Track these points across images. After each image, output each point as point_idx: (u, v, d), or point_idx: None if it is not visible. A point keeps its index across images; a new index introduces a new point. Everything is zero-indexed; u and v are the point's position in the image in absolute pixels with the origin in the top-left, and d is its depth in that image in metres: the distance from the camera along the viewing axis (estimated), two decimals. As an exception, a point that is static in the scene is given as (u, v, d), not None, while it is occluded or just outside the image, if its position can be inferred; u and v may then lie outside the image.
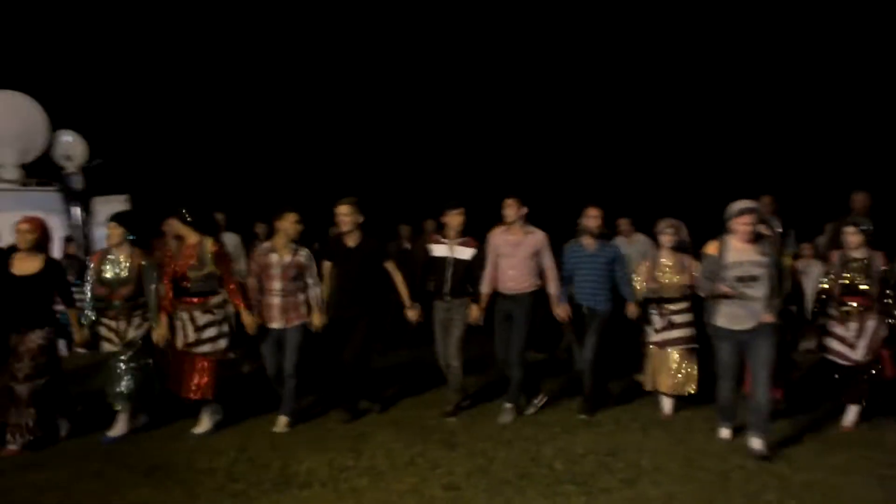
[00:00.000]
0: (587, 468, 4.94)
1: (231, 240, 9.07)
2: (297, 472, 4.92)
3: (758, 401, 5.17)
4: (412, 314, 6.37)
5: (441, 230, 6.52)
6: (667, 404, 6.29)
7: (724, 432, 5.59)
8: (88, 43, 15.14)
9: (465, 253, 6.32)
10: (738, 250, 5.19)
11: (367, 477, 4.82)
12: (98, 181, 12.09)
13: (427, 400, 6.78)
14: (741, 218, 5.11)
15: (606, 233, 6.74)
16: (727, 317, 5.24)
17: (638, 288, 6.39)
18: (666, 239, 6.30)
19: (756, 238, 5.20)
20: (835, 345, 5.89)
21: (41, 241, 5.62)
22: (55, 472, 4.97)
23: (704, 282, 5.35)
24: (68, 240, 10.14)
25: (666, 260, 6.30)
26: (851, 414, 5.85)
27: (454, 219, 6.33)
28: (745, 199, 5.21)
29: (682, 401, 6.24)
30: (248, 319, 5.80)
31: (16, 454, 5.35)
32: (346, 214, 6.13)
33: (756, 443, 5.14)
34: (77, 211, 11.25)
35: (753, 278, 5.13)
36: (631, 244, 8.52)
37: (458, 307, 6.29)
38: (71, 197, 11.15)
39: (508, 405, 6.24)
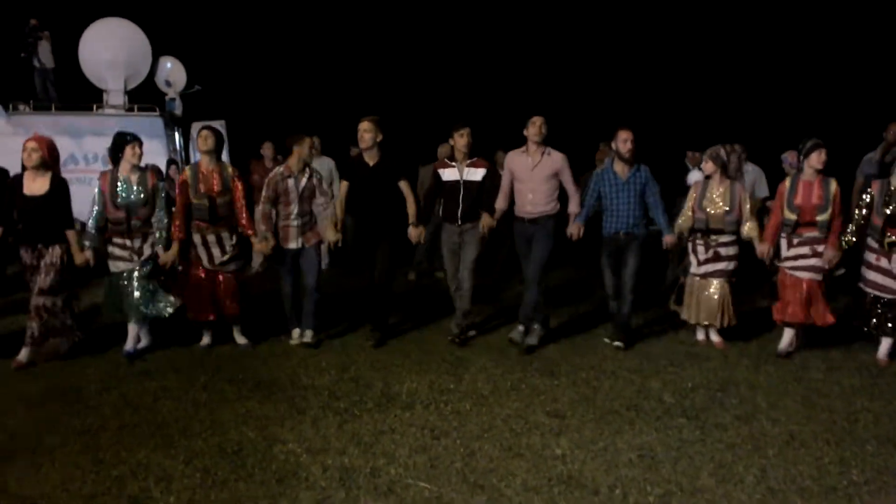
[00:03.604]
0: (698, 402, 4.73)
1: (325, 164, 9.09)
2: (399, 392, 4.91)
3: None
4: (415, 233, 6.18)
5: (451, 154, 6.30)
6: (700, 334, 6.17)
7: None
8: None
9: (476, 174, 6.09)
10: None
11: (470, 400, 4.75)
12: (196, 107, 12.31)
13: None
14: None
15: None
16: None
17: (684, 219, 6.10)
18: (706, 167, 6.05)
19: None
20: (876, 277, 5.63)
21: (48, 159, 5.48)
22: (167, 381, 5.13)
23: None
24: (170, 163, 10.38)
25: (716, 188, 5.97)
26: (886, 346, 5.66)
27: (461, 140, 6.06)
28: None
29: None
30: (259, 247, 5.90)
31: (22, 366, 5.40)
32: (366, 131, 5.96)
33: None
34: (177, 136, 11.50)
35: None
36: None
37: (471, 230, 6.10)
38: (172, 122, 11.38)
39: (520, 327, 6.16)
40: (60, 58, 11.58)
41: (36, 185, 5.45)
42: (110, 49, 11.35)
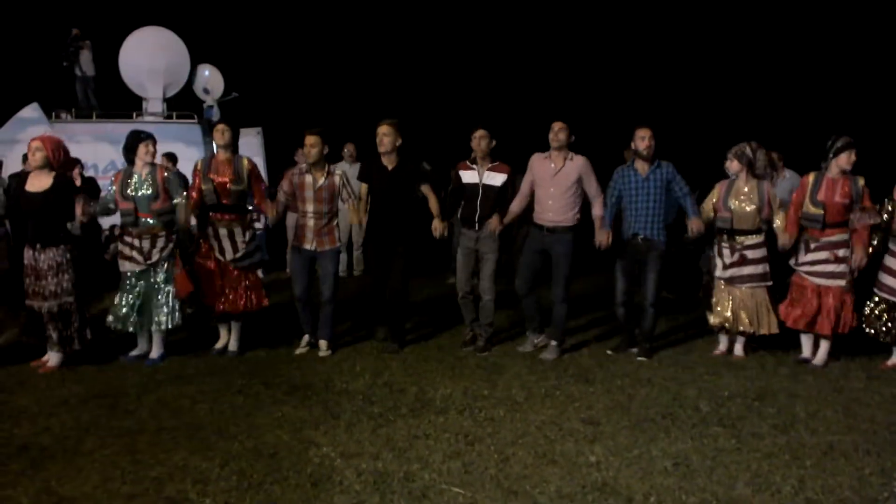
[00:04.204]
0: (735, 411, 4.66)
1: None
2: (433, 398, 4.93)
3: None
4: (439, 225, 6.02)
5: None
6: (723, 343, 6.02)
7: None
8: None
9: (496, 179, 5.99)
10: None
11: (504, 407, 4.75)
12: (233, 114, 12.48)
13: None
14: None
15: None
16: None
17: (707, 213, 5.95)
18: (731, 166, 5.89)
19: None
20: (892, 282, 5.58)
21: (52, 159, 5.45)
22: (203, 385, 5.20)
23: None
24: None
25: (742, 187, 5.83)
26: None
27: (479, 142, 5.96)
28: None
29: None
30: (269, 210, 5.85)
31: (52, 370, 5.45)
32: (385, 135, 5.89)
33: None
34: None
35: None
36: (779, 180, 7.89)
37: (488, 238, 5.98)
38: (210, 129, 11.54)
39: (553, 343, 6.02)
40: (101, 66, 11.84)
41: (38, 183, 5.46)
42: (150, 57, 11.58)
